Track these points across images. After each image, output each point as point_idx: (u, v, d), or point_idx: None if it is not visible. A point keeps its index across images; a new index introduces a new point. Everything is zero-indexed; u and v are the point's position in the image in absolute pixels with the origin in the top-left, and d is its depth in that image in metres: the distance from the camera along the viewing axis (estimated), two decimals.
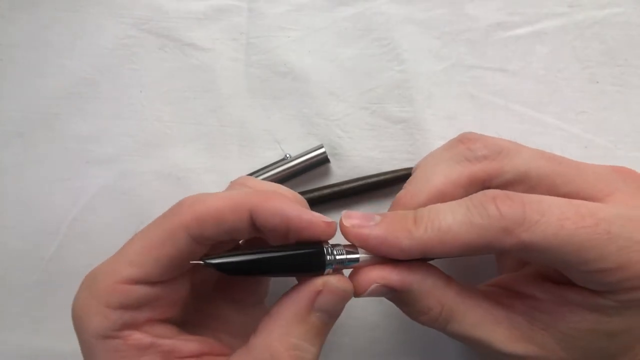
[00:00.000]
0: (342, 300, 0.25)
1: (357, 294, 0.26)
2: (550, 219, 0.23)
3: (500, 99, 0.38)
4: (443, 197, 0.27)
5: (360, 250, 0.26)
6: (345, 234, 0.25)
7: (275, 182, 0.37)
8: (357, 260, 0.25)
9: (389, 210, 0.29)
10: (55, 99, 0.40)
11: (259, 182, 0.30)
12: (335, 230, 0.25)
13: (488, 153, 0.28)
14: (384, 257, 0.26)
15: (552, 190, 0.27)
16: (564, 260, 0.23)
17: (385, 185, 0.37)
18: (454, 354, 0.36)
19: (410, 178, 0.30)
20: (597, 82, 0.38)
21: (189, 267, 0.26)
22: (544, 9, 0.39)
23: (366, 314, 0.37)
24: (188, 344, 0.26)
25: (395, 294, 0.26)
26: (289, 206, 0.25)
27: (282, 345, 0.24)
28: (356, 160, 0.38)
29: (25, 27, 0.41)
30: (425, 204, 0.26)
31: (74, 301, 0.25)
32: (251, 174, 0.38)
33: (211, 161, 0.39)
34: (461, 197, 0.25)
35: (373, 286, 0.25)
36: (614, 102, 0.38)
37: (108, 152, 0.39)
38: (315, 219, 0.25)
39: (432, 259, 0.27)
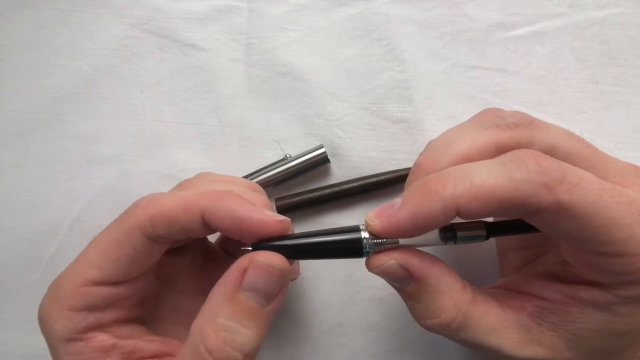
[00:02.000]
0: (270, 276, 0.24)
1: (373, 266, 0.25)
2: (590, 186, 0.22)
3: (500, 99, 0.38)
4: (468, 162, 0.25)
5: None
6: (377, 234, 0.24)
7: (275, 182, 0.37)
8: (397, 241, 0.25)
9: (408, 178, 0.28)
10: (55, 99, 0.40)
11: (216, 176, 0.31)
12: (289, 226, 0.25)
13: (519, 121, 0.27)
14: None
15: None
16: (592, 235, 0.22)
17: (385, 185, 0.37)
18: (455, 353, 0.36)
19: (429, 145, 0.28)
20: (597, 82, 0.38)
21: (149, 265, 0.26)
22: (543, 9, 0.39)
23: (366, 314, 0.37)
24: (150, 344, 0.27)
25: (410, 285, 0.25)
26: (241, 206, 0.24)
27: (209, 327, 0.23)
28: (356, 160, 0.38)
29: (25, 27, 0.41)
30: None
31: (39, 306, 0.26)
32: (251, 174, 0.38)
33: (211, 161, 0.39)
34: None
35: (391, 262, 0.24)
36: (613, 102, 0.38)
37: (108, 152, 0.39)
38: (266, 218, 0.24)
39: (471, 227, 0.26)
